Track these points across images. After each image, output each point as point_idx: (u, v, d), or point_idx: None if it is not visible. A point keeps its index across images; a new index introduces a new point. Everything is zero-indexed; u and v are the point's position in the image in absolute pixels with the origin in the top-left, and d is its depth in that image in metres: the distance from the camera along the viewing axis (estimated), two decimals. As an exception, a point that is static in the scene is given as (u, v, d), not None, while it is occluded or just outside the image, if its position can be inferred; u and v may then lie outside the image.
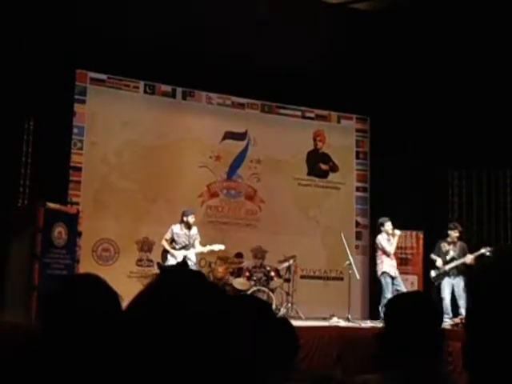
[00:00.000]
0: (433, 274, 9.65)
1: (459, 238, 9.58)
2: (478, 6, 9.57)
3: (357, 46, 10.74)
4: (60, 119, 9.83)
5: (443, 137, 10.87)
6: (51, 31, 9.30)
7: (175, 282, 1.05)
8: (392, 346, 1.97)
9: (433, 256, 9.68)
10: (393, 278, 9.65)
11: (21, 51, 9.08)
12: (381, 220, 9.87)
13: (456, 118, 10.63)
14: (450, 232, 9.56)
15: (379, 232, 9.83)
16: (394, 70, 11.11)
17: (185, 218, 9.25)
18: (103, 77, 10.58)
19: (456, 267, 9.35)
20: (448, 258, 9.48)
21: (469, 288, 1.13)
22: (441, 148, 10.93)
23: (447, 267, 9.44)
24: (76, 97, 10.32)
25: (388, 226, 9.73)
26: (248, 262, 10.26)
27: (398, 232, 9.72)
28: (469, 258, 9.19)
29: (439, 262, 9.53)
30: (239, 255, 10.30)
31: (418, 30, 10.57)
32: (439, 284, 9.52)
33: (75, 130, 10.28)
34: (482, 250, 9.00)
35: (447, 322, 8.22)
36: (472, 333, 1.07)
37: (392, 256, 9.72)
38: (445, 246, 9.54)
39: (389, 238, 9.73)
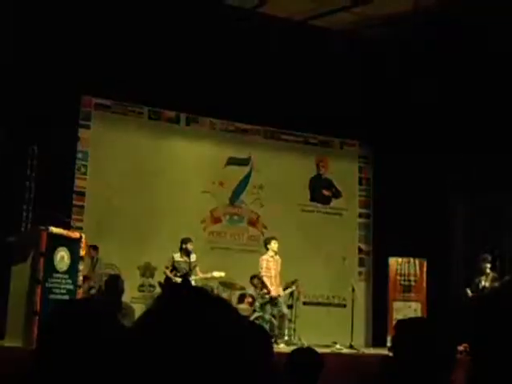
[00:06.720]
0: None
1: (492, 269, 9.65)
2: (485, 39, 9.66)
3: (359, 73, 10.82)
4: (64, 144, 9.88)
5: (446, 163, 10.88)
6: (57, 57, 9.40)
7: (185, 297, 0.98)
8: (399, 374, 1.95)
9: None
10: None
11: (26, 76, 9.16)
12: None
13: (458, 144, 10.65)
14: (482, 264, 9.62)
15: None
16: (397, 97, 11.17)
17: (184, 245, 9.24)
18: (108, 102, 10.67)
19: None
20: (480, 287, 9.55)
21: (476, 317, 1.13)
22: (443, 174, 10.93)
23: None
24: (81, 122, 10.40)
25: (269, 245, 9.36)
26: (250, 288, 10.20)
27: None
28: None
29: (468, 292, 9.60)
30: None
31: (418, 57, 10.66)
32: None
33: (79, 155, 10.34)
34: (507, 278, 9.09)
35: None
36: (478, 363, 1.07)
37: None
38: (478, 277, 9.65)
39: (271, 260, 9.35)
